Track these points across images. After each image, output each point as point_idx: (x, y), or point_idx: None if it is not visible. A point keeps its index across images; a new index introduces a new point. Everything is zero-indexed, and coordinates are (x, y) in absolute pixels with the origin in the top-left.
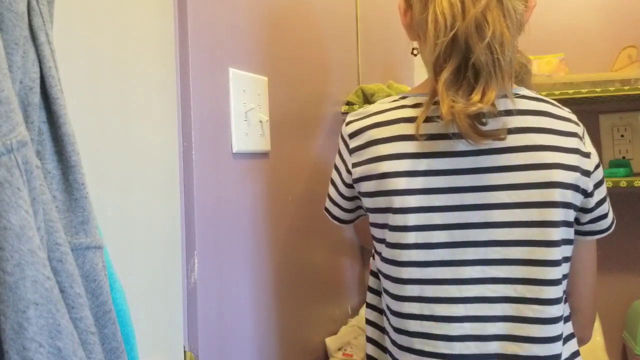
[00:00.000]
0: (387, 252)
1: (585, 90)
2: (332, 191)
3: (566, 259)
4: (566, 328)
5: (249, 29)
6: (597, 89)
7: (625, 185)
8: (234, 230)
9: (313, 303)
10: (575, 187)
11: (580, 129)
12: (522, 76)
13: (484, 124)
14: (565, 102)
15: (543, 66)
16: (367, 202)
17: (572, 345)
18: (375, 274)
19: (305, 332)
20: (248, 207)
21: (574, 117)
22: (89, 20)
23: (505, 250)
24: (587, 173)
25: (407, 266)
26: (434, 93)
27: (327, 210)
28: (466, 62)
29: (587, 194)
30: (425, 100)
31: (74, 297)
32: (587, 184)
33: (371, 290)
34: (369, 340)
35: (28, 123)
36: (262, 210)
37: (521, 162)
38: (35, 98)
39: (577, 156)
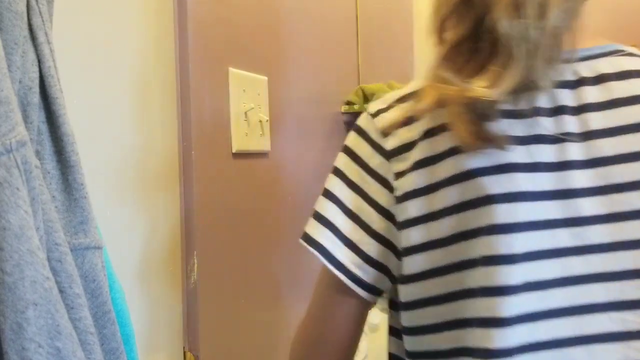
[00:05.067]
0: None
1: None
2: (330, 209)
3: None
4: None
5: (249, 29)
6: None
7: None
8: (234, 230)
9: None
10: None
11: None
12: None
13: (490, 120)
14: None
15: None
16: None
17: None
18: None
19: None
20: (248, 207)
21: None
22: (88, 20)
23: None
24: None
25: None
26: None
27: (311, 241)
28: (479, 27)
29: None
30: None
31: (73, 298)
32: None
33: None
34: None
35: (27, 123)
36: (262, 210)
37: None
38: (35, 98)
39: None
